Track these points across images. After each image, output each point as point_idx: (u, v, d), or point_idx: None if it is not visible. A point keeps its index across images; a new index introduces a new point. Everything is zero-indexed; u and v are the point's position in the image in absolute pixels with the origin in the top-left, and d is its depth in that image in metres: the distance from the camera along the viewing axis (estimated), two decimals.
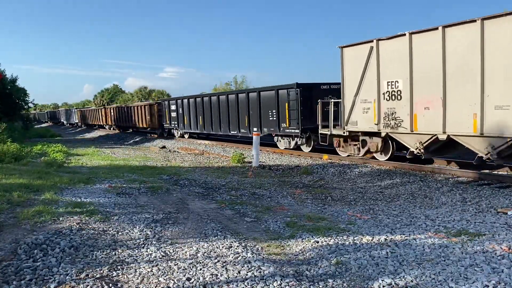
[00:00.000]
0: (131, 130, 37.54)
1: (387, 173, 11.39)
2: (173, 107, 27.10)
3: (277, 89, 16.85)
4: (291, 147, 16.85)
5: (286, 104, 16.24)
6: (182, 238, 5.73)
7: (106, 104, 64.15)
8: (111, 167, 13.53)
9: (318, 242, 5.55)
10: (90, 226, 6.05)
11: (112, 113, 40.49)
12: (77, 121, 56.62)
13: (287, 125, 16.28)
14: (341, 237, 5.72)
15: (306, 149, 16.28)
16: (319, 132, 14.43)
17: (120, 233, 5.85)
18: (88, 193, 8.59)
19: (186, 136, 26.53)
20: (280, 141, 17.65)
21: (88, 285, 4.09)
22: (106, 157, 17.57)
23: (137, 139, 29.81)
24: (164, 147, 22.74)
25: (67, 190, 8.91)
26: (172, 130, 28.09)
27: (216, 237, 5.76)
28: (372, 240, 5.55)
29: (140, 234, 5.86)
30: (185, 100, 25.41)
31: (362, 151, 12.83)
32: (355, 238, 5.64)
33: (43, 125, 69.50)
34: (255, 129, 18.32)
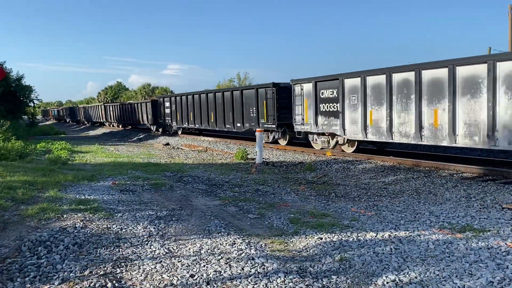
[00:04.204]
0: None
1: (391, 169, 11.35)
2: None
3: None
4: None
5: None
6: (185, 235, 5.73)
7: (110, 102, 64.35)
8: (115, 164, 13.56)
9: (321, 238, 5.54)
10: (94, 223, 6.07)
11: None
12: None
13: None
14: (344, 234, 5.71)
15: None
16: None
17: (123, 230, 5.86)
18: (92, 190, 8.61)
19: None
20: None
21: (92, 282, 4.10)
22: (110, 154, 17.62)
23: (141, 136, 29.86)
24: (167, 144, 22.77)
25: (71, 187, 8.93)
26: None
27: (219, 234, 5.76)
28: (376, 236, 5.53)
29: (144, 231, 5.86)
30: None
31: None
32: (359, 235, 5.63)
33: (46, 122, 69.37)
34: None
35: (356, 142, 14.14)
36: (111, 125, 43.88)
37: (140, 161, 14.89)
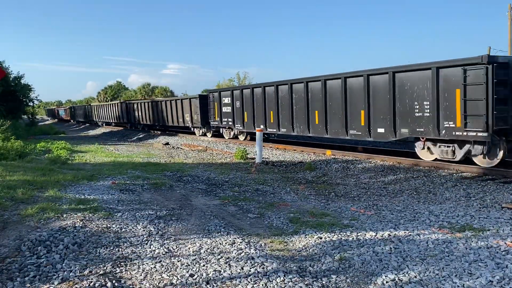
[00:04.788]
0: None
1: (391, 168, 11.35)
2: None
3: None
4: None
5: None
6: (185, 235, 5.73)
7: (110, 100, 64.19)
8: (115, 164, 13.56)
9: (321, 238, 5.54)
10: (93, 223, 6.07)
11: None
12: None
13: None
14: (344, 233, 5.71)
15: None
16: (211, 124, 22.66)
17: (123, 230, 5.86)
18: (91, 190, 8.61)
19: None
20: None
21: (91, 282, 4.10)
22: (110, 154, 17.61)
23: (141, 136, 29.84)
24: (167, 143, 22.76)
25: (71, 187, 8.93)
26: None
27: (219, 233, 5.77)
28: (375, 235, 5.53)
29: (144, 230, 5.87)
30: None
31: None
32: (359, 234, 5.63)
33: (46, 122, 69.05)
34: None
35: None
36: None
37: (140, 160, 14.89)
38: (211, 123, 22.58)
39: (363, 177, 10.87)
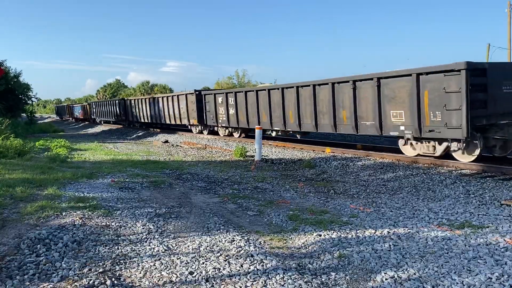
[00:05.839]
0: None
1: (390, 166, 11.35)
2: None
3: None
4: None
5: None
6: (184, 232, 5.73)
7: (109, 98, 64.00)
8: (114, 162, 13.55)
9: (320, 235, 5.54)
10: (93, 221, 6.07)
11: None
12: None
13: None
14: (343, 230, 5.71)
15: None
16: (208, 122, 22.67)
17: (122, 228, 5.86)
18: (91, 188, 8.60)
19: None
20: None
21: (91, 280, 4.10)
22: (109, 152, 17.59)
23: (140, 134, 29.81)
24: (166, 141, 22.74)
25: (70, 185, 8.93)
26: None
27: (218, 231, 5.77)
28: (374, 233, 5.53)
29: (143, 228, 5.87)
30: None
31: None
32: (358, 231, 5.63)
33: (46, 120, 68.78)
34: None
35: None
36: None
37: (139, 158, 14.88)
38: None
39: (362, 174, 10.87)
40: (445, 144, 10.74)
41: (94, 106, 46.81)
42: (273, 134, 17.91)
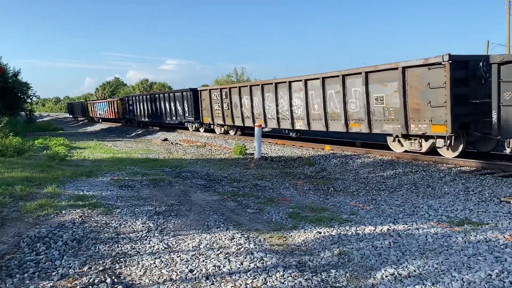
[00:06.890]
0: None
1: (390, 163, 11.35)
2: (130, 102, 34.34)
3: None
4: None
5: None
6: (184, 230, 5.73)
7: (108, 97, 64.03)
8: (113, 160, 13.54)
9: (320, 232, 5.54)
10: (92, 219, 6.06)
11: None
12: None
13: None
14: (343, 228, 5.72)
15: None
16: (203, 121, 23.07)
17: (122, 226, 5.86)
18: (90, 186, 8.60)
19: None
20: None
21: (91, 278, 4.10)
22: (108, 150, 17.58)
23: (139, 132, 29.79)
24: (166, 139, 22.72)
25: (70, 183, 8.92)
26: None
27: (218, 229, 5.77)
28: (374, 230, 5.54)
29: (143, 226, 5.86)
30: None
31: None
32: (358, 229, 5.64)
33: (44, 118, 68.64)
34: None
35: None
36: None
37: (139, 156, 14.87)
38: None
39: (362, 171, 10.87)
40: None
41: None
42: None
